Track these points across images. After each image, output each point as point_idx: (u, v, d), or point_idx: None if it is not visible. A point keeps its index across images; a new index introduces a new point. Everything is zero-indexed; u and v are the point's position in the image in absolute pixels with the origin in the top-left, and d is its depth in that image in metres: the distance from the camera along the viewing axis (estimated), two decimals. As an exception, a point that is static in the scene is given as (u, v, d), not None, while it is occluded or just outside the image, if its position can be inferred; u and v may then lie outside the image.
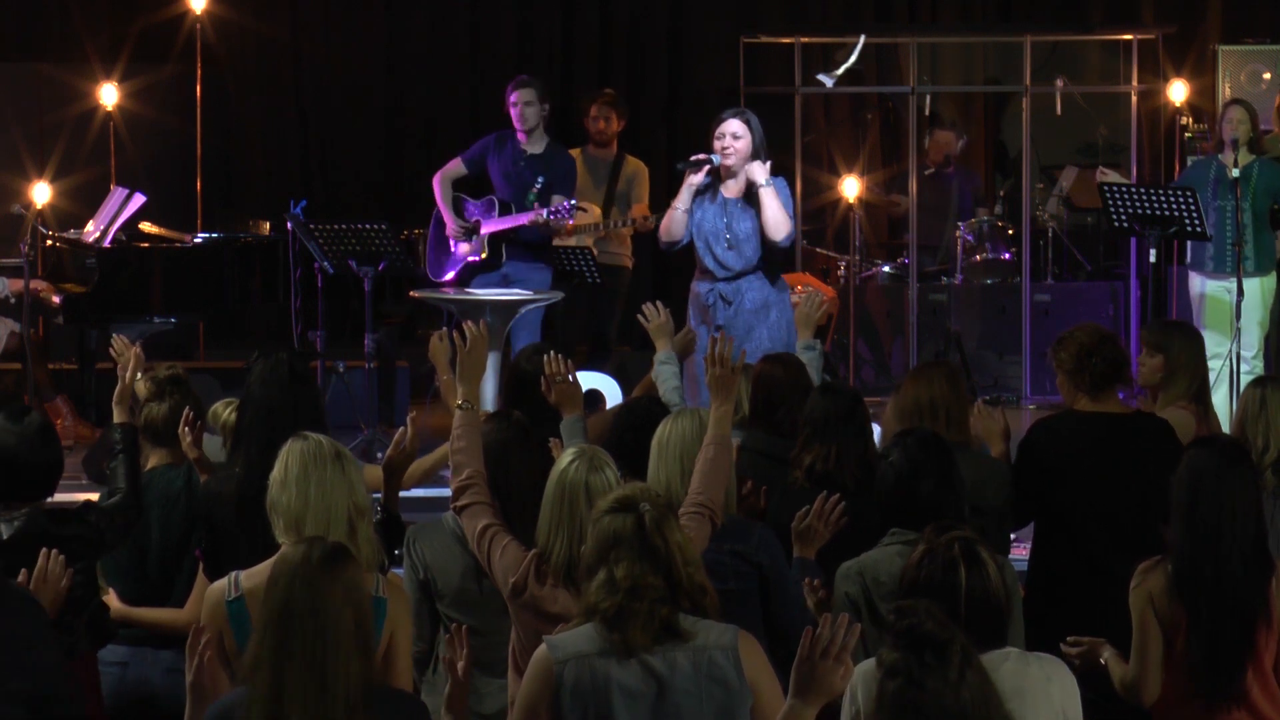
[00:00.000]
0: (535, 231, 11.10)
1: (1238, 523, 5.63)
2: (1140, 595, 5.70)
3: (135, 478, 6.28)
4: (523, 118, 11.19)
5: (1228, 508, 5.63)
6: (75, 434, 11.56)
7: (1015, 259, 14.13)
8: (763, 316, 9.24)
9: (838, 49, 14.51)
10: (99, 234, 12.06)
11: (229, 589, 5.26)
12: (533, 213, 10.98)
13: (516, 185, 11.22)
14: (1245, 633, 5.62)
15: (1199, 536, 5.62)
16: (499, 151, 11.32)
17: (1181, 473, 5.71)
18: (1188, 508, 5.65)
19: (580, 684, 4.64)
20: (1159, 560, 5.72)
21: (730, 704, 4.68)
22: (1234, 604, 5.61)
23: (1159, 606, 5.67)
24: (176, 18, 14.91)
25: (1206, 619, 5.61)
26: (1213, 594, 5.60)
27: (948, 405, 6.72)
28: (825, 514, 6.16)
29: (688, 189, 9.33)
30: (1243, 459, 5.77)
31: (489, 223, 11.20)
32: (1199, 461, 5.70)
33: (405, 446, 6.36)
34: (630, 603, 4.64)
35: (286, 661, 4.36)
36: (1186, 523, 5.65)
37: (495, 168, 11.31)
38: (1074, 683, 4.94)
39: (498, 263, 11.20)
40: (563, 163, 11.32)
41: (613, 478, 5.32)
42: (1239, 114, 11.24)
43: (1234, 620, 5.61)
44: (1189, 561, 5.63)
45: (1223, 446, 5.80)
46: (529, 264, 11.18)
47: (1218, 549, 5.61)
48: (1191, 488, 5.66)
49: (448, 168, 11.48)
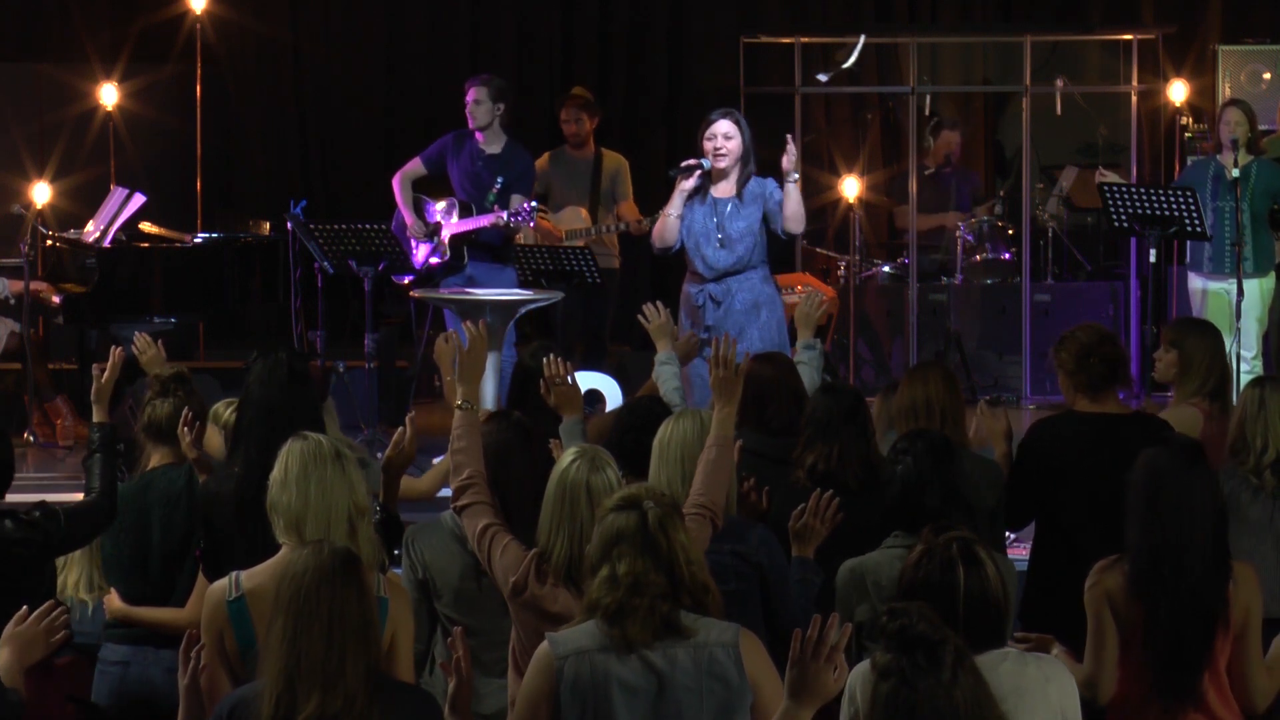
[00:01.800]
0: (496, 233, 11.15)
1: (1197, 524, 5.59)
2: (1097, 594, 5.68)
3: (110, 478, 6.28)
4: (471, 115, 11.28)
5: (1186, 509, 5.59)
6: (75, 434, 11.56)
7: (1015, 259, 14.13)
8: (753, 317, 9.25)
9: (838, 49, 14.51)
10: (99, 234, 12.06)
11: (230, 589, 5.27)
12: (493, 215, 11.03)
13: (475, 186, 11.29)
14: (1204, 635, 5.59)
15: (1158, 537, 5.58)
16: (457, 151, 11.38)
17: (1139, 473, 5.67)
18: (1146, 508, 5.62)
19: (580, 680, 4.66)
20: (1116, 559, 5.69)
21: (731, 701, 4.69)
22: (1193, 605, 5.57)
23: (1117, 605, 5.64)
24: (176, 18, 14.92)
25: (1165, 620, 5.57)
26: (1172, 595, 5.57)
27: (944, 405, 6.74)
28: (821, 511, 6.17)
29: (680, 195, 9.34)
30: (1200, 459, 5.71)
31: (450, 225, 11.26)
32: (1157, 462, 5.66)
33: (404, 447, 6.37)
34: (631, 599, 4.65)
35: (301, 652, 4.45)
36: (1145, 523, 5.61)
37: (454, 167, 11.39)
38: (1073, 683, 4.94)
39: (460, 265, 11.25)
40: (520, 162, 11.37)
41: (614, 478, 5.32)
42: (1237, 115, 11.25)
43: (1193, 622, 5.58)
44: (1148, 562, 5.59)
45: (1180, 447, 5.76)
46: (491, 266, 11.22)
47: (1177, 550, 5.57)
48: (1150, 488, 5.63)
49: (407, 167, 11.56)
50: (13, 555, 5.77)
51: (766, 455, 6.67)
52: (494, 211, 11.05)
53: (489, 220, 11.04)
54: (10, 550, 5.77)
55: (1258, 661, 5.72)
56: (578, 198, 12.46)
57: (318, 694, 4.44)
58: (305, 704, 4.43)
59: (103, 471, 6.27)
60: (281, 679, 4.46)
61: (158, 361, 7.06)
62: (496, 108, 11.28)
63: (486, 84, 11.34)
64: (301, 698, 4.44)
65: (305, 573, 4.53)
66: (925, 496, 5.79)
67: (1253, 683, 5.71)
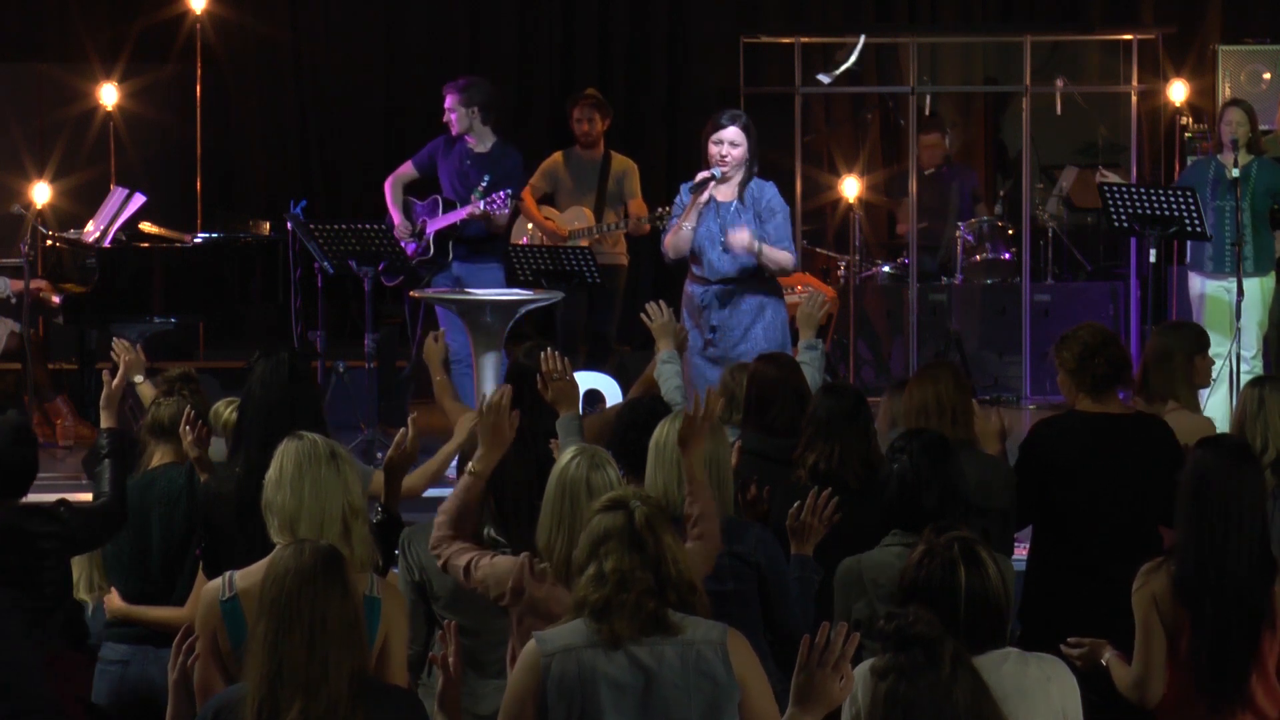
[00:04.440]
0: (480, 228, 11.18)
1: (1244, 524, 5.58)
2: (1144, 596, 5.67)
3: (121, 483, 6.30)
4: (449, 122, 11.35)
5: (1234, 509, 5.58)
6: (75, 434, 11.57)
7: (1015, 259, 14.13)
8: (759, 317, 9.28)
9: (838, 49, 14.51)
10: (99, 234, 12.05)
11: (223, 589, 5.26)
12: (470, 206, 11.08)
13: (463, 184, 11.38)
14: (1250, 635, 5.58)
15: (1204, 538, 5.58)
16: (447, 152, 11.50)
17: (1187, 473, 5.67)
18: (1193, 509, 5.61)
19: (567, 677, 4.65)
20: (1162, 561, 5.68)
21: (718, 698, 4.67)
22: (1239, 606, 5.57)
23: (1163, 608, 5.64)
24: (176, 18, 14.92)
25: (1211, 621, 5.57)
26: (1218, 596, 5.56)
27: (954, 404, 6.74)
28: (819, 509, 6.17)
29: (696, 209, 9.37)
30: (1248, 459, 5.72)
31: (432, 221, 11.30)
32: (1205, 461, 5.65)
33: (406, 447, 6.36)
34: (618, 594, 4.65)
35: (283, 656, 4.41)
36: (1191, 524, 5.61)
37: (443, 167, 11.50)
38: (1074, 683, 4.93)
39: (445, 262, 11.29)
40: (508, 160, 11.43)
41: (614, 476, 5.33)
42: (1237, 115, 11.24)
43: (1239, 623, 5.58)
44: (1194, 563, 5.59)
45: (1229, 447, 5.76)
46: (477, 262, 11.25)
47: (1223, 551, 5.57)
48: (1197, 488, 5.62)
49: (399, 171, 11.68)
50: (39, 548, 5.79)
51: (769, 456, 6.66)
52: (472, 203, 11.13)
53: (465, 212, 11.11)
54: (37, 544, 5.80)
55: (1305, 660, 5.73)
56: (583, 197, 12.46)
57: (300, 698, 4.40)
58: (288, 709, 4.40)
59: (113, 476, 6.29)
60: (264, 683, 4.43)
61: (138, 366, 7.03)
62: (471, 112, 11.38)
63: (460, 90, 11.43)
64: (284, 702, 4.40)
65: (286, 575, 4.50)
66: (923, 495, 5.79)
67: None
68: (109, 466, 6.30)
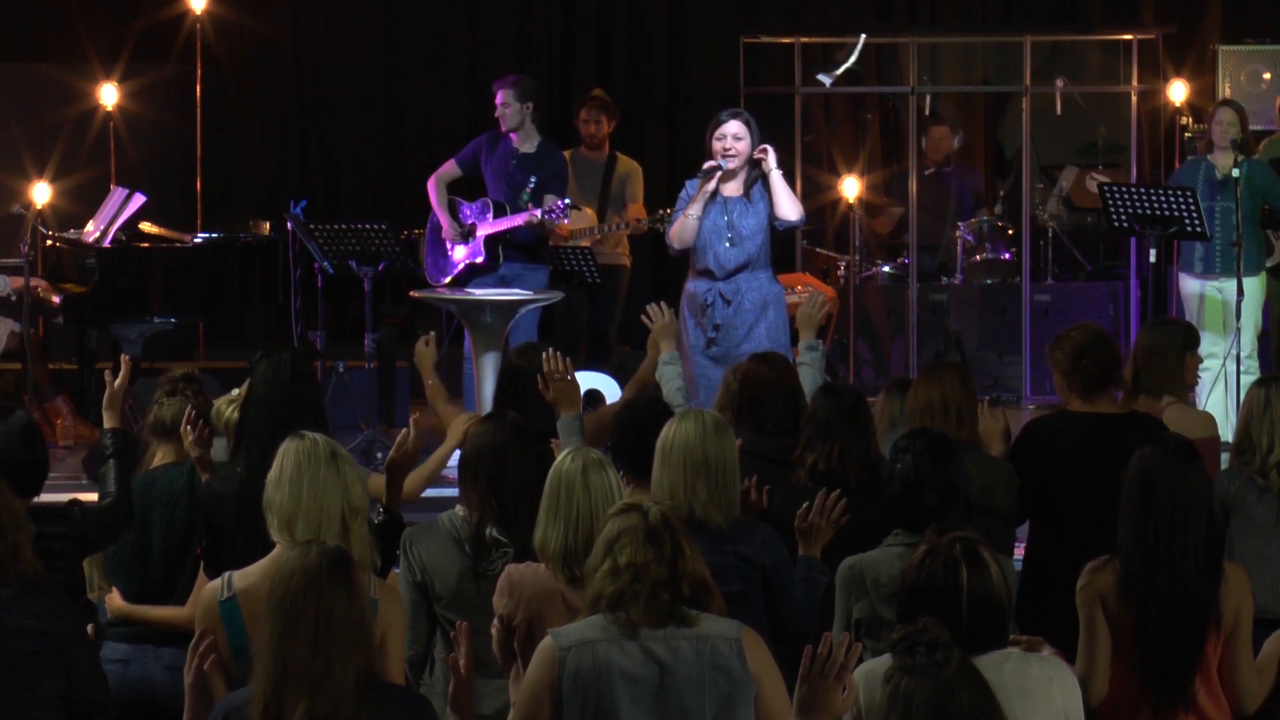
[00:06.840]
0: (531, 232, 11.10)
1: (1189, 524, 5.55)
2: (1089, 594, 5.63)
3: (126, 483, 6.31)
4: (502, 118, 11.23)
5: (1180, 509, 5.54)
6: (75, 434, 11.56)
7: (1015, 259, 14.13)
8: (762, 315, 9.31)
9: (838, 49, 14.50)
10: (99, 234, 12.06)
11: (222, 589, 5.27)
12: (527, 213, 10.97)
13: (509, 185, 11.22)
14: (1195, 637, 5.56)
15: (1149, 537, 5.55)
16: (491, 151, 11.32)
17: (1133, 472, 5.63)
18: (1139, 508, 5.58)
19: (582, 671, 4.66)
20: (1107, 559, 5.64)
21: (733, 693, 4.69)
22: (1185, 608, 5.54)
23: (1108, 606, 5.60)
24: (176, 18, 14.91)
25: (1157, 621, 5.54)
26: (1164, 597, 5.53)
27: (959, 404, 6.75)
28: (827, 511, 6.17)
29: (703, 197, 9.38)
30: (1194, 459, 5.67)
31: (484, 225, 11.20)
32: (1151, 461, 5.61)
33: (407, 448, 6.36)
34: (633, 584, 4.68)
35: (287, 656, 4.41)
36: (1137, 523, 5.58)
37: (488, 168, 11.31)
38: (1075, 683, 4.93)
39: (495, 265, 11.19)
40: (555, 161, 11.32)
41: (613, 477, 5.38)
42: (1229, 115, 11.25)
43: (1185, 624, 5.54)
44: (1140, 563, 5.56)
45: (1175, 446, 5.71)
46: (525, 265, 11.18)
47: (1169, 551, 5.53)
48: (1143, 487, 5.59)
49: (442, 170, 11.49)
50: (51, 549, 5.79)
51: (764, 455, 6.67)
52: (528, 210, 11.01)
53: (523, 219, 11.00)
54: (50, 544, 5.80)
55: (1248, 663, 5.69)
56: (586, 198, 12.45)
57: (305, 699, 4.39)
58: (292, 710, 4.39)
59: (118, 477, 6.29)
60: (269, 684, 4.42)
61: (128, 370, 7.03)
62: (525, 107, 11.21)
63: (513, 85, 11.25)
64: (289, 703, 4.39)
65: (292, 576, 4.49)
66: (924, 495, 5.79)
67: (1242, 685, 5.67)
68: (114, 467, 6.30)
